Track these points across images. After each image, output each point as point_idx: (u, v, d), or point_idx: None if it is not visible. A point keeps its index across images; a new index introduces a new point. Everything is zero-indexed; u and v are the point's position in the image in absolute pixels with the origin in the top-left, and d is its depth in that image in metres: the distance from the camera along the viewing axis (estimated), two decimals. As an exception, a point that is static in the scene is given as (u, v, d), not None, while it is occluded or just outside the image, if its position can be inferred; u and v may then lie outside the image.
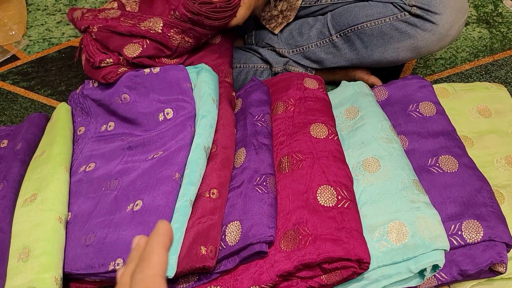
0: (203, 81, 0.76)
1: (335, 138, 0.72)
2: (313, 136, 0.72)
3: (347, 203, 0.62)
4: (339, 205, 0.62)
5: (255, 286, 0.60)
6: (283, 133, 0.75)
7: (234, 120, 0.78)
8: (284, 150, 0.72)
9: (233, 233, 0.62)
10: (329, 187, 0.64)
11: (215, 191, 0.66)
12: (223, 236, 0.63)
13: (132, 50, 0.80)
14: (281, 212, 0.65)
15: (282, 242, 0.61)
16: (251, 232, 0.61)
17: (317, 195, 0.63)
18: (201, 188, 0.67)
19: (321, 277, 0.59)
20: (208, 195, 0.65)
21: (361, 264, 0.58)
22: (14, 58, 1.13)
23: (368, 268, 0.58)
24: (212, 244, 0.61)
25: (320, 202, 0.63)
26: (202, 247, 0.60)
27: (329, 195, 0.63)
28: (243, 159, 0.71)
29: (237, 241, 0.61)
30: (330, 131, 0.73)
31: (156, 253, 0.30)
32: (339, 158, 0.69)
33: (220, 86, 0.80)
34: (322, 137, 0.72)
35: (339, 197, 0.63)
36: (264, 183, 0.66)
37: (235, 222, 0.63)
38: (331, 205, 0.62)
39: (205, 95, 0.75)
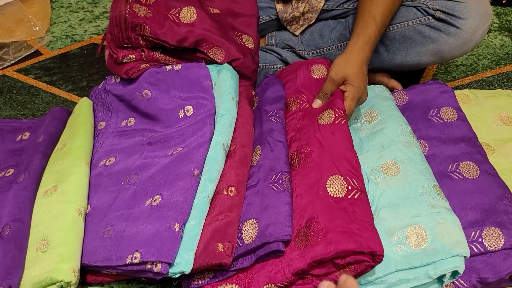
0: (224, 80, 0.77)
1: (343, 122, 0.71)
2: (320, 124, 0.71)
3: (357, 194, 0.61)
4: (349, 196, 0.61)
5: (271, 285, 0.59)
6: (293, 128, 0.75)
7: (253, 119, 0.78)
8: (293, 146, 0.72)
9: (249, 231, 0.62)
10: (339, 177, 0.63)
11: (233, 188, 0.66)
12: (240, 234, 0.63)
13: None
14: (295, 210, 0.64)
15: (296, 240, 0.61)
16: (268, 230, 0.61)
17: (326, 186, 0.63)
18: (219, 186, 0.67)
19: (336, 273, 0.58)
20: (226, 193, 0.66)
21: (375, 257, 0.56)
22: (37, 53, 1.15)
23: (382, 261, 0.57)
24: (229, 241, 0.61)
25: (329, 193, 0.62)
26: (219, 244, 0.60)
27: (339, 186, 0.62)
28: (259, 157, 0.71)
29: (253, 239, 0.61)
30: (337, 115, 0.71)
31: None
32: (347, 144, 0.68)
33: (240, 85, 0.81)
34: (329, 122, 0.71)
35: (349, 187, 0.62)
36: (280, 181, 0.66)
37: (252, 220, 0.63)
38: (341, 196, 0.61)
39: (225, 93, 0.75)
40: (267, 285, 0.60)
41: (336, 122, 0.71)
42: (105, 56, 0.85)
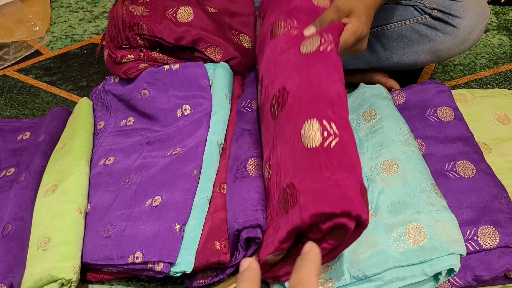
0: (217, 77, 0.78)
1: (328, 49, 0.57)
2: (301, 52, 0.58)
3: (334, 141, 0.50)
4: (325, 145, 0.50)
5: (269, 255, 0.56)
6: (273, 63, 0.62)
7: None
8: (273, 89, 0.60)
9: (228, 225, 0.62)
10: (315, 121, 0.52)
11: (225, 186, 0.67)
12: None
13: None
14: (281, 170, 0.56)
15: (279, 205, 0.54)
16: (236, 220, 0.60)
17: (301, 136, 0.52)
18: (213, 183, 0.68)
19: (328, 241, 0.52)
20: (219, 191, 0.67)
21: (355, 220, 0.48)
22: (37, 53, 1.16)
23: (367, 224, 0.49)
24: (225, 238, 0.62)
25: (304, 144, 0.51)
26: (216, 242, 0.61)
27: (313, 132, 0.51)
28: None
29: (229, 232, 0.62)
30: (323, 40, 0.58)
31: (312, 282, 0.28)
32: (331, 77, 0.55)
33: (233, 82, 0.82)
34: (312, 51, 0.58)
35: (325, 133, 0.51)
36: (243, 168, 0.65)
37: (225, 212, 0.64)
38: (315, 146, 0.51)
39: (218, 91, 0.76)
40: (267, 256, 0.57)
41: (320, 49, 0.57)
42: (104, 56, 0.85)
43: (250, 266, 0.30)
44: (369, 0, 0.66)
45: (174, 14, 0.80)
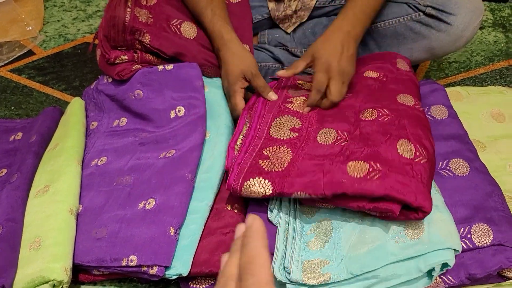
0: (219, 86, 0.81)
1: (420, 109, 0.73)
2: (399, 102, 0.73)
3: (423, 160, 0.63)
4: (416, 160, 0.63)
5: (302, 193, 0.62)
6: (369, 93, 0.76)
7: None
8: (369, 104, 0.73)
9: None
10: (409, 142, 0.64)
11: (237, 205, 0.69)
12: None
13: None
14: (353, 142, 0.66)
15: (349, 167, 0.62)
16: None
17: (397, 145, 0.64)
18: (225, 200, 0.69)
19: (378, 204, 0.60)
20: (231, 209, 0.68)
21: (419, 213, 0.58)
22: (30, 53, 1.15)
23: (426, 216, 0.59)
24: None
25: (398, 151, 0.63)
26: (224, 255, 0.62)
27: (408, 149, 0.64)
28: None
29: None
30: (416, 102, 0.73)
31: (262, 256, 0.28)
32: (424, 124, 0.69)
33: None
34: (408, 105, 0.72)
35: (417, 153, 0.63)
36: None
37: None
38: (407, 157, 0.63)
39: (224, 105, 0.79)
40: (299, 192, 0.61)
41: (416, 106, 0.73)
42: (96, 56, 0.85)
43: (255, 222, 0.30)
44: (332, 38, 0.75)
45: (179, 27, 0.80)
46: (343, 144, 0.67)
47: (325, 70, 0.73)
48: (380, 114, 0.70)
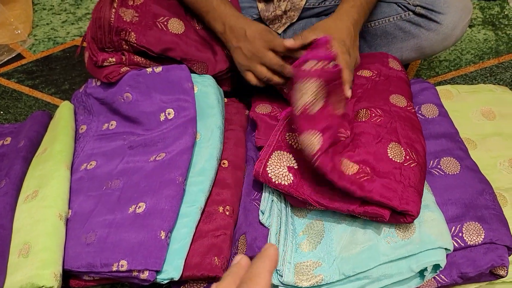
0: (209, 94, 0.79)
1: (412, 110, 0.73)
2: (392, 103, 0.73)
3: (413, 164, 0.63)
4: (406, 164, 0.63)
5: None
6: (362, 92, 0.76)
7: (244, 141, 0.80)
8: (362, 104, 0.73)
9: (242, 246, 0.65)
10: (399, 146, 0.65)
11: (228, 207, 0.69)
12: (236, 250, 0.66)
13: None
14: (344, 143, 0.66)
15: (343, 162, 0.62)
16: (255, 244, 0.63)
17: (387, 148, 0.65)
18: (217, 203, 0.69)
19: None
20: (222, 211, 0.68)
21: (407, 217, 0.59)
22: (19, 57, 1.14)
23: (414, 219, 0.59)
24: (224, 255, 0.64)
25: (388, 154, 0.64)
26: (216, 258, 0.63)
27: (398, 152, 0.64)
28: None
29: (244, 252, 0.64)
30: (408, 103, 0.74)
31: (263, 277, 0.29)
32: (416, 127, 0.70)
33: (233, 107, 0.84)
34: (401, 106, 0.73)
35: (407, 157, 0.64)
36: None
37: (243, 235, 0.67)
38: (397, 161, 0.63)
39: (215, 106, 0.78)
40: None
41: (408, 108, 0.73)
42: (84, 58, 0.84)
43: (239, 262, 0.31)
44: (344, 22, 0.72)
45: (166, 23, 0.79)
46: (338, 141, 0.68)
47: (345, 51, 0.71)
48: (373, 114, 0.70)
